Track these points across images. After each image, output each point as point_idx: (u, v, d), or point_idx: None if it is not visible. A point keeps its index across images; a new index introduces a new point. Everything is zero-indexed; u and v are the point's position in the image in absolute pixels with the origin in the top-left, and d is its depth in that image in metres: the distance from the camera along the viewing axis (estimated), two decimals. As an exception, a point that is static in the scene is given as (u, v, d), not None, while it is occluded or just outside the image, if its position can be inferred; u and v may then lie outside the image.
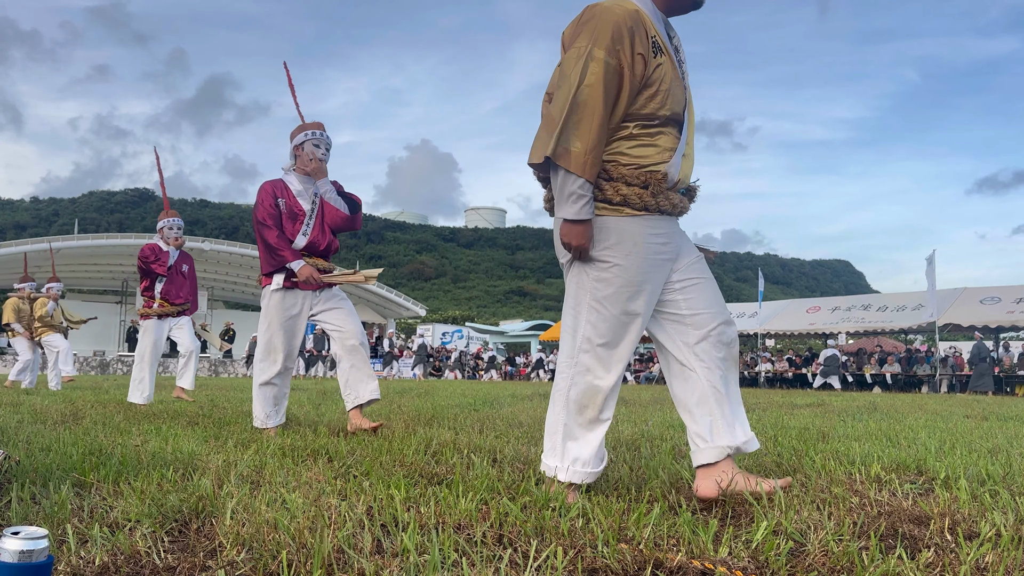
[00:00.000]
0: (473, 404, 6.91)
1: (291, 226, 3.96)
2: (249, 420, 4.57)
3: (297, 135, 4.03)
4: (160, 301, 6.44)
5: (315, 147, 3.99)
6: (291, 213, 3.97)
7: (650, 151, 2.14)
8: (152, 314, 6.41)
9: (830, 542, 1.64)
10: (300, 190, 4.03)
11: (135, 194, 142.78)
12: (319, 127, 4.03)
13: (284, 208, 3.96)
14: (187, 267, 6.68)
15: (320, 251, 4.05)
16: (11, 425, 4.03)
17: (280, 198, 3.96)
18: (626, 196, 2.11)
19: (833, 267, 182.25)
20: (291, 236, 3.94)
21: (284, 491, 2.07)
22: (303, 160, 4.00)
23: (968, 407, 8.62)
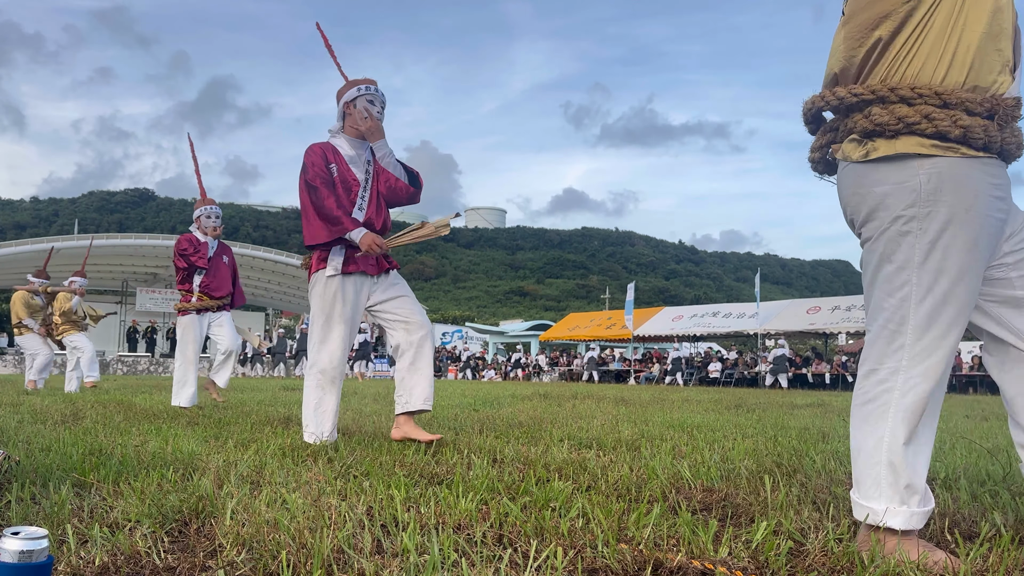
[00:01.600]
0: (473, 404, 6.91)
1: (344, 200, 3.37)
2: (249, 420, 4.57)
3: (347, 91, 3.47)
4: (199, 295, 5.97)
5: (369, 103, 3.43)
6: (344, 182, 3.38)
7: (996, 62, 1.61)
8: (190, 309, 5.95)
9: (830, 542, 1.64)
10: (352, 156, 3.44)
11: (135, 194, 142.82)
12: (372, 82, 3.48)
13: (338, 175, 3.37)
14: (227, 258, 6.22)
15: (377, 230, 3.45)
16: (11, 425, 4.03)
17: (333, 163, 3.38)
18: (967, 128, 1.57)
19: (833, 267, 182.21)
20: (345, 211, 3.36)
21: (284, 491, 2.07)
22: (355, 119, 3.43)
23: (968, 407, 8.62)
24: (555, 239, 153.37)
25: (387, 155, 3.46)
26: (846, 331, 21.64)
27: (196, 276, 5.95)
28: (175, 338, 9.38)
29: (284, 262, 28.56)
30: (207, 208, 6.01)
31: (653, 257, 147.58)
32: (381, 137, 3.43)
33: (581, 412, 6.03)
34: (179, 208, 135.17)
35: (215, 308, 6.06)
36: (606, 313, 30.86)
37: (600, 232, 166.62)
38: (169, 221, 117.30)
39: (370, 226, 3.39)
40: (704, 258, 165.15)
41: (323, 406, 3.33)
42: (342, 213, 3.29)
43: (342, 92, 3.49)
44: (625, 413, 6.01)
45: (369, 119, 3.41)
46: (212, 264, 5.97)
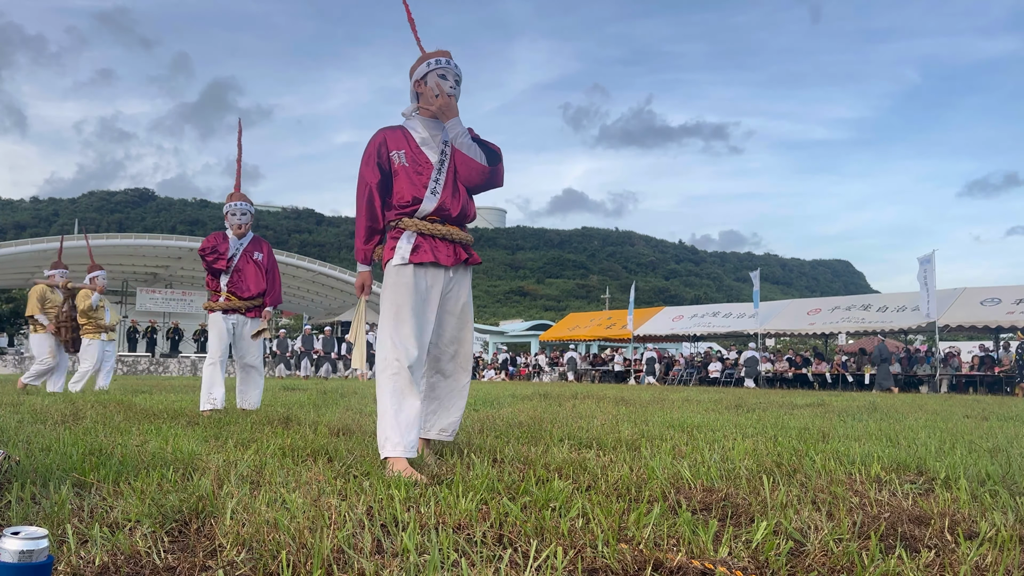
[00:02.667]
0: (473, 404, 6.91)
1: (415, 183, 3.07)
2: (249, 420, 4.57)
3: (418, 67, 3.17)
4: (226, 294, 5.64)
5: (441, 78, 3.10)
6: (414, 166, 3.09)
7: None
8: (217, 308, 5.64)
9: (830, 542, 1.64)
10: (425, 137, 3.16)
11: (135, 194, 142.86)
12: (445, 54, 3.17)
13: (406, 161, 3.08)
14: (260, 255, 5.76)
15: (454, 218, 3.10)
16: (11, 425, 4.03)
17: (397, 150, 3.10)
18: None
19: (833, 267, 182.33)
20: (415, 196, 3.05)
21: (284, 491, 2.06)
22: (427, 97, 3.11)
23: (968, 407, 8.62)
24: (555, 239, 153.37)
25: (461, 135, 3.11)
26: (846, 331, 21.64)
27: (223, 276, 5.67)
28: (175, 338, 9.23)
29: (284, 262, 28.57)
30: (233, 204, 5.65)
31: (653, 257, 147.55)
32: (454, 115, 3.09)
33: (581, 412, 6.03)
34: (179, 208, 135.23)
35: (243, 310, 5.70)
36: (606, 313, 30.85)
37: (600, 232, 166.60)
38: (169, 221, 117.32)
39: (443, 211, 3.07)
40: (704, 258, 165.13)
41: (405, 411, 2.85)
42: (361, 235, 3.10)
43: (415, 68, 3.19)
44: (625, 413, 6.01)
45: (440, 96, 3.06)
46: (239, 263, 5.66)
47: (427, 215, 3.04)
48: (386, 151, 3.08)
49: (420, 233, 3.04)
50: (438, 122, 3.14)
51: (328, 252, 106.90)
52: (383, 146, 3.08)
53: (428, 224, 3.03)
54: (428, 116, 3.14)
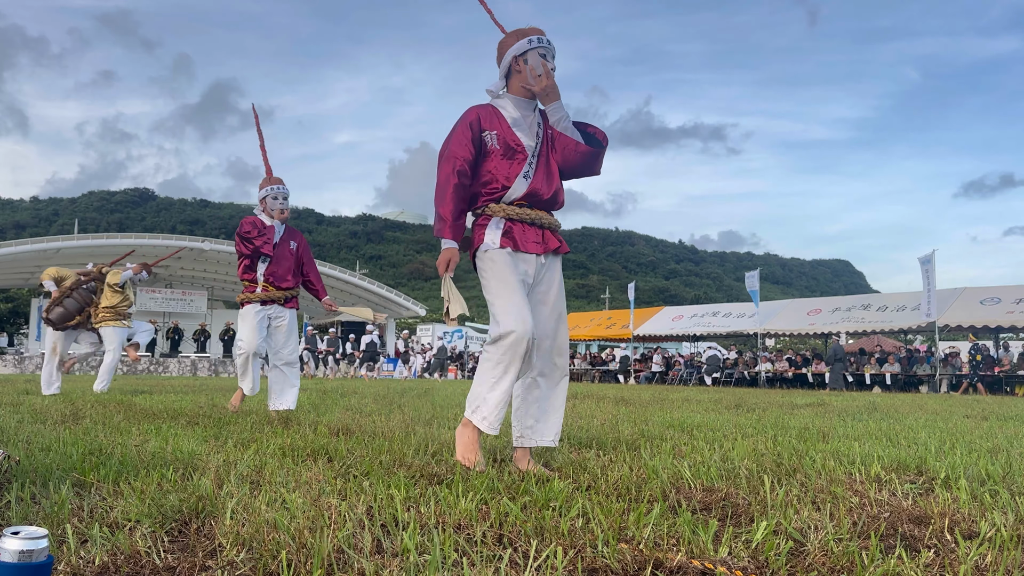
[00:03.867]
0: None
1: (507, 167, 2.87)
2: (249, 420, 4.57)
3: (513, 44, 2.91)
4: (263, 284, 5.32)
5: (542, 58, 2.88)
6: (506, 148, 2.88)
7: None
8: (254, 299, 5.31)
9: (830, 542, 1.64)
10: (517, 118, 2.92)
11: (135, 194, 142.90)
12: (541, 32, 2.94)
13: (497, 143, 2.87)
14: (295, 244, 5.50)
15: (544, 201, 2.92)
16: (11, 425, 4.03)
17: (490, 130, 2.87)
18: None
19: (833, 267, 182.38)
20: (506, 181, 2.86)
21: (284, 491, 2.07)
22: (524, 76, 2.88)
23: (968, 407, 8.62)
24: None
25: (563, 119, 2.94)
26: (846, 331, 21.64)
27: (260, 264, 5.34)
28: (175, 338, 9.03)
29: (284, 262, 28.50)
30: (273, 188, 5.36)
31: (653, 257, 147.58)
32: (557, 98, 2.90)
33: (581, 412, 6.03)
34: (179, 208, 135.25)
35: (281, 300, 5.40)
36: (606, 313, 30.85)
37: (600, 232, 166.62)
38: (169, 221, 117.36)
39: (535, 197, 2.89)
40: (704, 258, 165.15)
41: (502, 386, 2.70)
42: (449, 210, 2.81)
43: (507, 44, 2.94)
44: (625, 413, 6.01)
45: (544, 77, 2.85)
46: (278, 251, 5.36)
47: (515, 199, 2.87)
48: (479, 129, 2.86)
49: (508, 218, 2.87)
50: (530, 102, 2.93)
51: (328, 252, 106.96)
52: (476, 124, 2.86)
53: (516, 209, 2.86)
54: (522, 95, 2.92)
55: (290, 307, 5.45)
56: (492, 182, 2.86)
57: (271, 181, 5.40)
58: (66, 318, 8.05)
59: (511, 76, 2.94)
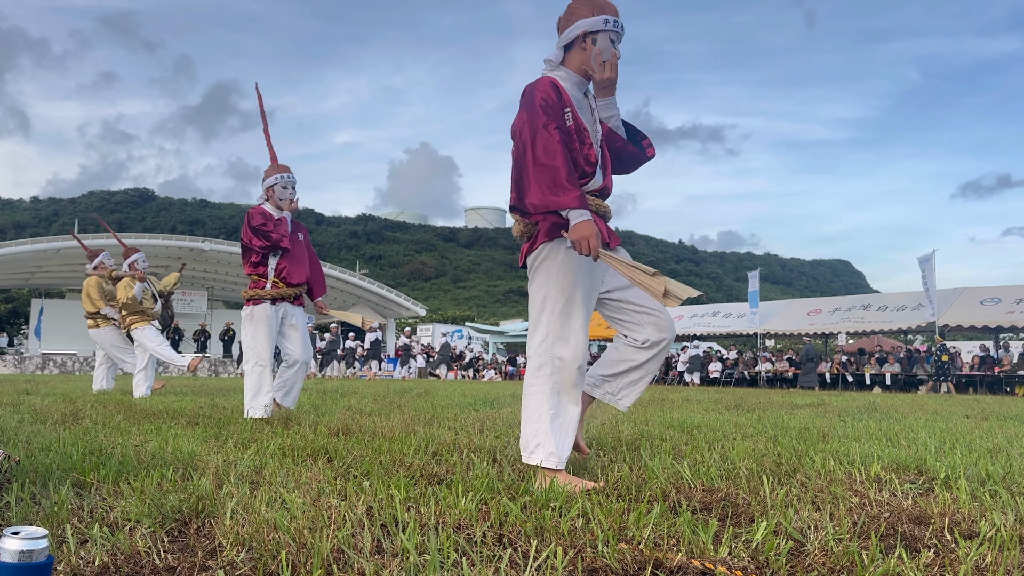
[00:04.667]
0: (473, 404, 6.91)
1: (581, 151, 2.58)
2: (249, 419, 4.56)
3: (587, 17, 2.57)
4: (274, 280, 4.95)
5: (613, 44, 2.59)
6: (578, 130, 2.56)
7: None
8: (264, 297, 4.92)
9: (830, 542, 1.64)
10: (579, 100, 2.61)
11: (135, 194, 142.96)
12: (617, 14, 2.61)
13: (572, 123, 2.54)
14: (303, 236, 5.18)
15: (607, 194, 2.72)
16: (11, 425, 4.03)
17: (567, 106, 2.53)
18: None
19: (833, 267, 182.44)
20: (586, 166, 2.59)
21: (284, 491, 2.07)
22: (588, 57, 2.57)
23: (968, 407, 8.63)
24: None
25: (615, 116, 2.72)
26: (846, 331, 21.65)
27: (272, 258, 4.95)
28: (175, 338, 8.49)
29: (284, 262, 28.51)
30: (282, 176, 4.99)
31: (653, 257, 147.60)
32: (614, 93, 2.65)
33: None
34: (179, 208, 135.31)
35: (291, 298, 5.05)
36: (606, 313, 30.81)
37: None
38: (169, 221, 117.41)
39: (605, 188, 2.66)
40: (704, 258, 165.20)
41: (562, 416, 2.48)
42: (571, 176, 2.38)
43: (580, 13, 2.59)
44: (625, 413, 6.01)
45: (609, 69, 2.58)
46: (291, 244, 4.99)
47: (594, 190, 2.61)
48: (561, 101, 2.51)
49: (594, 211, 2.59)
50: (585, 83, 2.65)
51: (328, 252, 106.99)
52: (558, 93, 2.51)
53: (591, 198, 2.59)
54: (579, 75, 2.62)
55: (298, 304, 5.15)
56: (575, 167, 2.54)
57: (278, 169, 5.03)
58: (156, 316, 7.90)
59: (573, 49, 2.60)
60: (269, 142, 5.19)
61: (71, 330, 26.61)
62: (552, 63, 2.63)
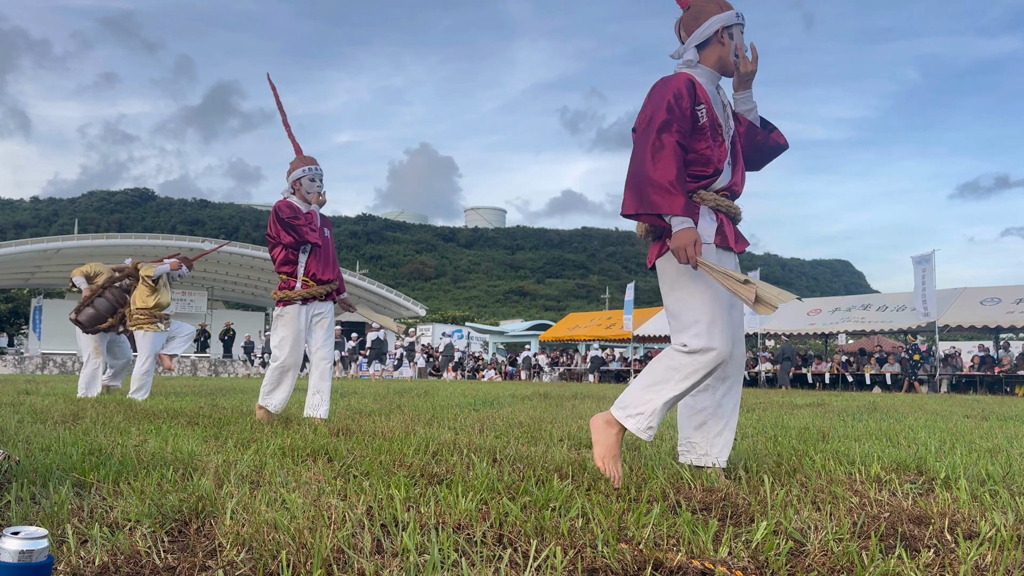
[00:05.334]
0: (473, 404, 6.91)
1: (715, 148, 2.49)
2: (249, 420, 4.56)
3: (720, 13, 2.55)
4: (304, 280, 4.68)
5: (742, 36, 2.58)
6: (712, 127, 2.50)
7: None
8: (295, 298, 4.64)
9: (830, 542, 1.64)
10: (713, 95, 2.57)
11: (135, 194, 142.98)
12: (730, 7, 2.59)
13: (707, 120, 2.47)
14: (329, 232, 4.89)
15: (738, 194, 2.64)
16: (11, 425, 4.03)
17: (702, 103, 2.47)
18: None
19: (833, 267, 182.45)
20: (718, 164, 2.50)
21: (284, 491, 2.07)
22: (726, 51, 2.56)
23: (968, 407, 8.62)
24: (555, 239, 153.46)
25: (754, 109, 2.67)
26: (846, 331, 21.65)
27: (302, 255, 4.68)
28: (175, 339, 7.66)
29: (284, 262, 28.49)
30: (309, 168, 4.71)
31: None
32: (751, 86, 2.63)
33: (581, 412, 6.03)
34: (179, 208, 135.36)
35: (323, 296, 4.77)
36: (606, 313, 30.85)
37: (600, 232, 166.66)
38: (169, 221, 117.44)
39: (735, 188, 2.60)
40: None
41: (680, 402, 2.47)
42: (676, 177, 2.32)
43: (710, 10, 2.57)
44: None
45: (747, 60, 2.55)
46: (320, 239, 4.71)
47: (721, 188, 2.55)
48: (693, 100, 2.46)
49: (717, 209, 2.55)
50: (717, 78, 2.62)
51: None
52: (692, 93, 2.46)
53: (723, 199, 2.54)
54: (714, 70, 2.59)
55: (330, 300, 4.89)
56: (704, 165, 2.49)
57: (304, 161, 4.74)
58: (96, 320, 7.29)
59: (709, 46, 2.57)
60: (291, 133, 4.94)
61: (71, 330, 26.62)
62: (691, 62, 2.59)
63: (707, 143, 2.47)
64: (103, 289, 7.33)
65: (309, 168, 4.71)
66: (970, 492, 2.28)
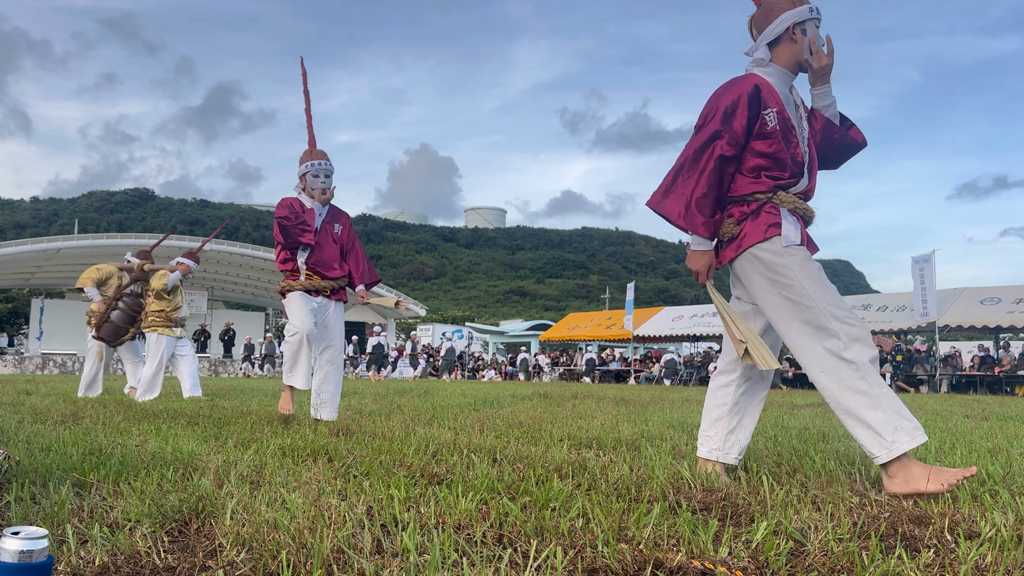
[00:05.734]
0: (473, 404, 6.91)
1: (790, 151, 2.46)
2: (249, 420, 4.56)
3: (792, 9, 2.50)
4: (307, 273, 4.63)
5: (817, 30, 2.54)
6: (785, 130, 2.45)
7: None
8: (297, 288, 4.62)
9: (830, 542, 1.64)
10: (786, 95, 2.53)
11: (135, 194, 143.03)
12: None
13: (777, 122, 2.43)
14: (340, 227, 4.79)
15: (810, 197, 2.59)
16: (11, 425, 4.03)
17: (771, 107, 2.43)
18: None
19: (833, 267, 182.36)
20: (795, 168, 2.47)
21: (284, 491, 2.07)
22: (800, 48, 2.50)
23: (968, 407, 8.62)
24: (555, 239, 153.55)
25: (833, 104, 2.60)
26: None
27: (301, 252, 4.63)
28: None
29: (284, 262, 28.46)
30: (314, 163, 4.61)
31: (653, 257, 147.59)
32: (829, 80, 2.56)
33: (581, 412, 6.03)
34: (179, 208, 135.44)
35: (328, 291, 4.68)
36: (606, 313, 30.85)
37: (600, 232, 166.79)
38: (169, 221, 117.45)
39: (809, 191, 2.56)
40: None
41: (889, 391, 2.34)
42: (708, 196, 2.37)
43: (782, 6, 2.51)
44: (625, 413, 6.01)
45: (823, 55, 2.50)
46: (320, 237, 4.63)
47: (798, 192, 2.51)
48: (759, 106, 2.42)
49: (795, 211, 2.49)
50: (791, 77, 2.57)
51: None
52: (757, 99, 2.41)
53: (800, 201, 2.50)
54: (787, 69, 2.54)
55: (337, 299, 4.79)
56: (778, 168, 2.46)
57: (312, 155, 4.63)
58: (119, 333, 7.30)
59: (781, 43, 2.52)
60: (310, 123, 4.78)
61: (71, 330, 26.59)
62: (762, 60, 2.55)
63: (779, 146, 2.44)
64: (115, 300, 7.24)
65: (314, 164, 4.60)
66: (970, 492, 2.28)
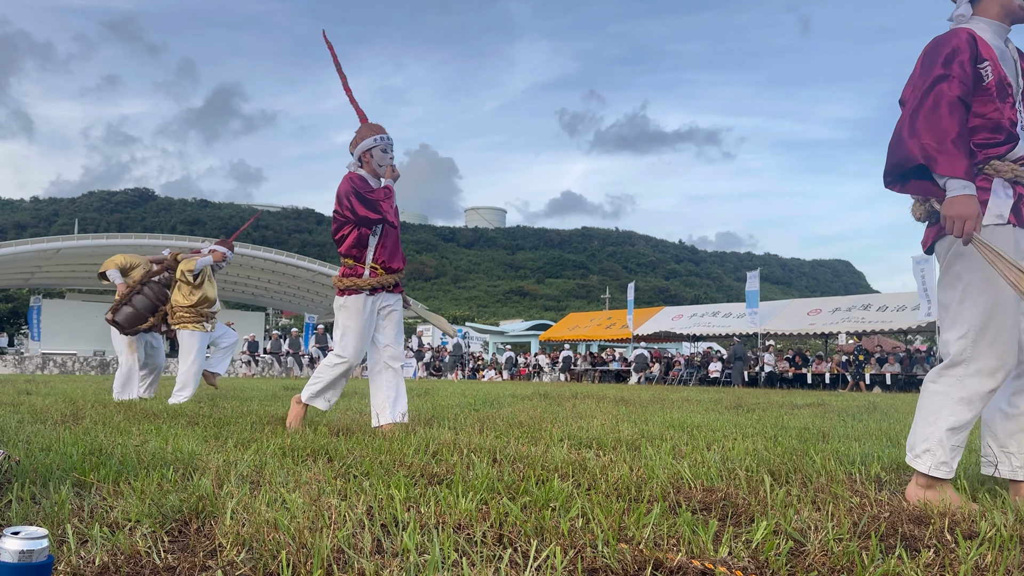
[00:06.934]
0: (473, 404, 6.91)
1: (1006, 111, 2.19)
2: (249, 420, 4.56)
3: None
4: (372, 266, 4.05)
5: None
6: (1000, 88, 2.20)
7: None
8: (363, 287, 4.00)
9: (830, 542, 1.64)
10: (1001, 50, 2.27)
11: (135, 194, 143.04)
12: None
13: (992, 78, 2.18)
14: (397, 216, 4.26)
15: None
16: (11, 425, 4.03)
17: (986, 60, 2.19)
18: None
19: (833, 267, 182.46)
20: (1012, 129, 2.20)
21: (284, 491, 2.06)
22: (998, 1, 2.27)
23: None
24: (555, 239, 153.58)
25: None
26: (846, 331, 21.65)
27: (372, 238, 4.03)
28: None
29: (284, 262, 28.51)
30: (381, 137, 4.06)
31: (653, 257, 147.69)
32: None
33: (581, 412, 6.03)
34: (179, 208, 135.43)
35: (391, 286, 4.14)
36: (606, 313, 30.85)
37: (600, 232, 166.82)
38: (169, 221, 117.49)
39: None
40: (704, 258, 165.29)
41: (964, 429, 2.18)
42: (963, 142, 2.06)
43: None
44: (625, 413, 6.01)
45: None
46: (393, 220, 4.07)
47: (1019, 157, 2.20)
48: (975, 57, 2.16)
49: (1016, 182, 2.19)
50: (1006, 30, 2.29)
51: (328, 252, 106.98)
52: (974, 49, 2.17)
53: (1020, 168, 2.20)
54: (999, 20, 2.27)
55: (396, 292, 4.24)
56: (992, 130, 2.18)
57: (374, 129, 4.09)
58: (137, 320, 6.57)
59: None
60: (352, 98, 4.25)
61: (71, 330, 26.60)
62: (963, 17, 2.29)
63: (994, 105, 2.17)
64: (141, 285, 6.64)
65: (381, 137, 4.06)
66: (970, 492, 2.28)
